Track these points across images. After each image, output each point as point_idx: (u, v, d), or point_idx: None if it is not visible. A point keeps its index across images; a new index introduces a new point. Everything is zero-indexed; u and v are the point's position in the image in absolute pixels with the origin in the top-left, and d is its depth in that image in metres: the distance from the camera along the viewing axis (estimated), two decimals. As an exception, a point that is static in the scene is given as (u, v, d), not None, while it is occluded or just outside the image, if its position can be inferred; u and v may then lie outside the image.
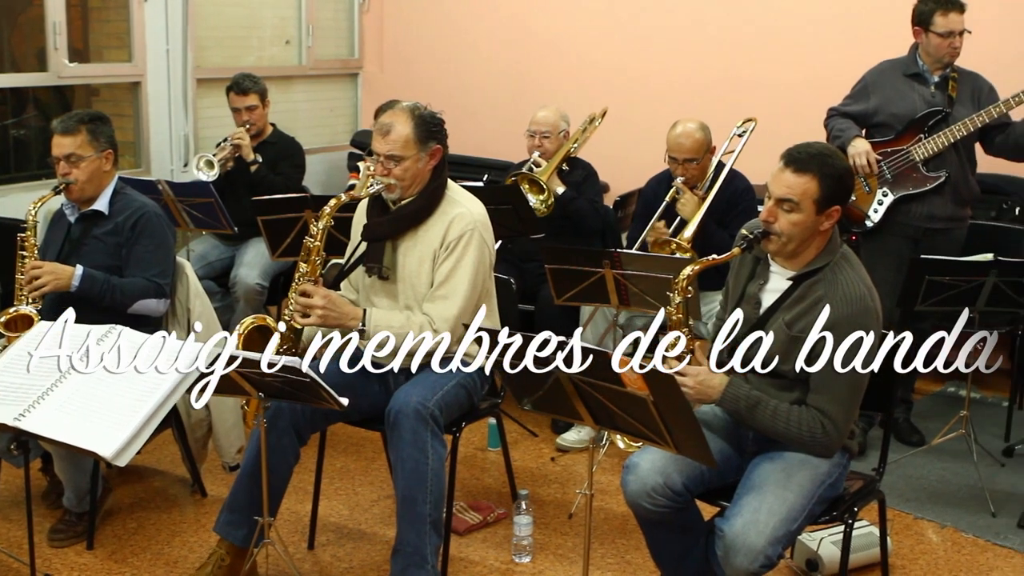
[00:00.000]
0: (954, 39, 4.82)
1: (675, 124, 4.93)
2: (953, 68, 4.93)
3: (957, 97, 4.91)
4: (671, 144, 4.90)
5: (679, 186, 4.86)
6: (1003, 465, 4.95)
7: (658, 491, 3.10)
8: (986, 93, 4.93)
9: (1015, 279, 4.44)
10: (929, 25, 4.84)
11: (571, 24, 7.11)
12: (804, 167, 3.05)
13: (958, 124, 4.80)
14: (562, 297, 4.36)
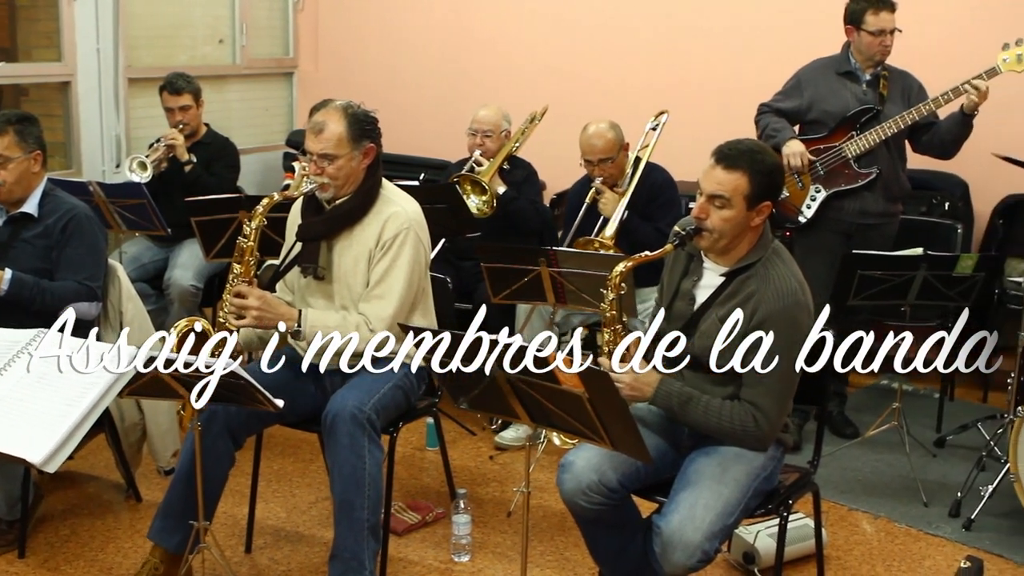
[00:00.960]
0: (885, 37, 4.90)
1: (586, 126, 4.94)
2: (884, 66, 5.01)
3: (888, 95, 4.98)
4: (584, 146, 4.92)
5: (598, 187, 4.89)
6: (935, 456, 5.04)
7: (593, 488, 3.11)
8: (915, 91, 5.01)
9: (944, 273, 4.51)
10: (861, 23, 4.91)
11: (509, 22, 7.12)
12: (734, 164, 3.07)
13: (889, 121, 4.88)
14: (498, 295, 4.36)
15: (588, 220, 4.94)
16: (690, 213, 3.15)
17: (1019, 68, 4.77)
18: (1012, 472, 4.17)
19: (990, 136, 5.30)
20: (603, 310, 3.22)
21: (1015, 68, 4.77)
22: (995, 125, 5.65)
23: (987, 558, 4.02)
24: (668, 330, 3.26)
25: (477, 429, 5.14)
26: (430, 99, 7.35)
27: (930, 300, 4.67)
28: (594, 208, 4.91)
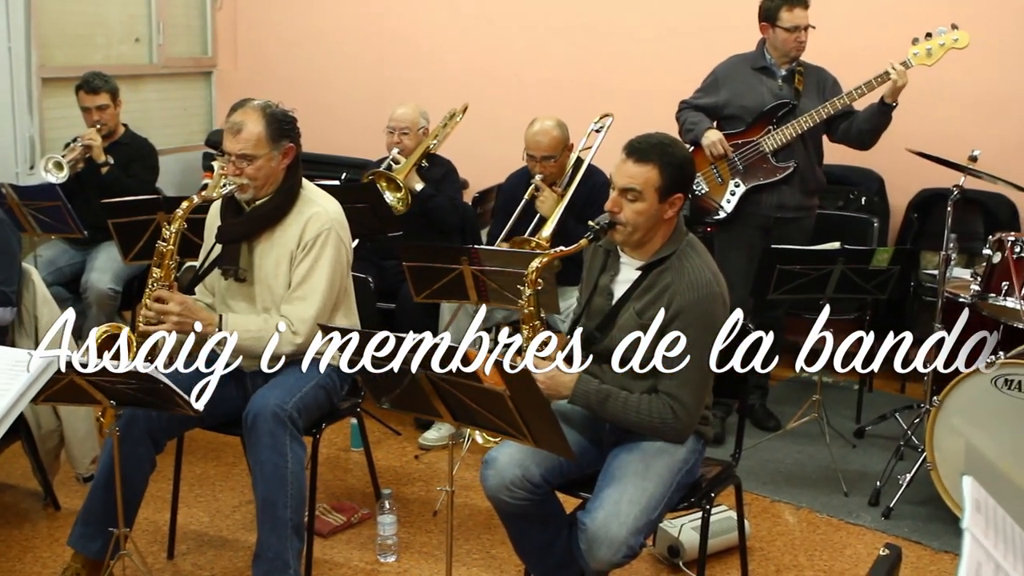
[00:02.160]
0: (799, 34, 4.97)
1: (533, 122, 4.94)
2: (799, 62, 5.08)
3: (803, 90, 5.06)
4: (529, 142, 4.91)
5: (538, 183, 4.88)
6: (855, 446, 5.13)
7: (517, 484, 3.11)
8: (830, 86, 5.10)
9: (861, 266, 4.59)
10: (775, 21, 4.98)
11: (430, 20, 7.10)
12: (645, 157, 3.10)
13: (805, 116, 4.95)
14: (421, 295, 4.35)
15: (525, 217, 4.94)
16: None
17: (929, 62, 4.88)
18: (929, 461, 4.25)
19: (905, 131, 5.39)
20: (521, 307, 3.23)
21: (925, 62, 4.87)
22: (909, 121, 5.75)
23: (906, 545, 4.11)
24: (588, 326, 3.28)
25: (402, 429, 5.12)
26: (351, 98, 7.30)
27: (848, 293, 4.75)
28: (531, 204, 4.91)
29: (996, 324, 4.70)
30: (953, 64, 5.08)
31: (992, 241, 4.38)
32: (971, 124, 5.85)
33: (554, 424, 2.72)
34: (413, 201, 5.15)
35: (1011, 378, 4.05)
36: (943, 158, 4.65)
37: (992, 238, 4.39)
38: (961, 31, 4.85)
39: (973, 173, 4.60)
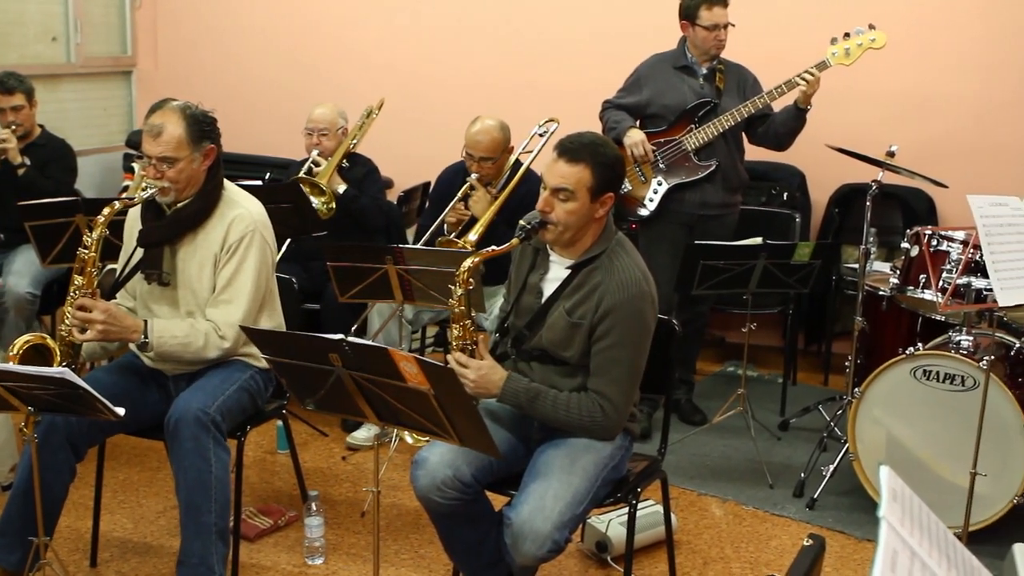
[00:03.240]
0: (719, 32, 5.02)
1: (475, 120, 4.89)
2: (720, 60, 5.13)
3: (724, 88, 5.11)
4: (469, 140, 4.87)
5: (473, 183, 4.85)
6: (779, 439, 5.19)
7: (448, 484, 3.10)
8: (751, 84, 5.15)
9: (783, 261, 4.65)
10: (695, 19, 5.02)
11: (351, 19, 7.06)
12: (577, 156, 3.10)
13: (726, 114, 5.00)
14: (346, 295, 4.32)
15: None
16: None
17: (847, 61, 4.95)
18: (851, 451, 4.32)
19: (825, 128, 5.46)
20: (451, 306, 3.22)
21: (843, 61, 4.95)
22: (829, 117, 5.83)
23: (830, 535, 4.17)
24: (517, 324, 3.29)
25: (329, 430, 5.09)
26: (273, 96, 7.23)
27: (771, 288, 4.81)
28: (465, 200, 4.89)
29: (915, 316, 4.80)
30: (872, 62, 5.16)
31: (910, 235, 4.46)
32: (889, 120, 5.95)
33: (479, 423, 2.72)
34: (336, 203, 5.10)
35: (929, 369, 4.13)
36: (861, 154, 4.73)
37: (910, 232, 4.47)
38: (878, 31, 4.94)
39: (891, 168, 4.69)
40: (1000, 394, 3.97)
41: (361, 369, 2.73)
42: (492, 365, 3.17)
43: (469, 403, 2.72)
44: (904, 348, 4.24)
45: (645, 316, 3.15)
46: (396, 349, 2.66)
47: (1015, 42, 5.82)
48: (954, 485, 4.01)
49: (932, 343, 4.38)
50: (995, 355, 4.19)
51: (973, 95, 5.92)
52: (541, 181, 4.66)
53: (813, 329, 6.33)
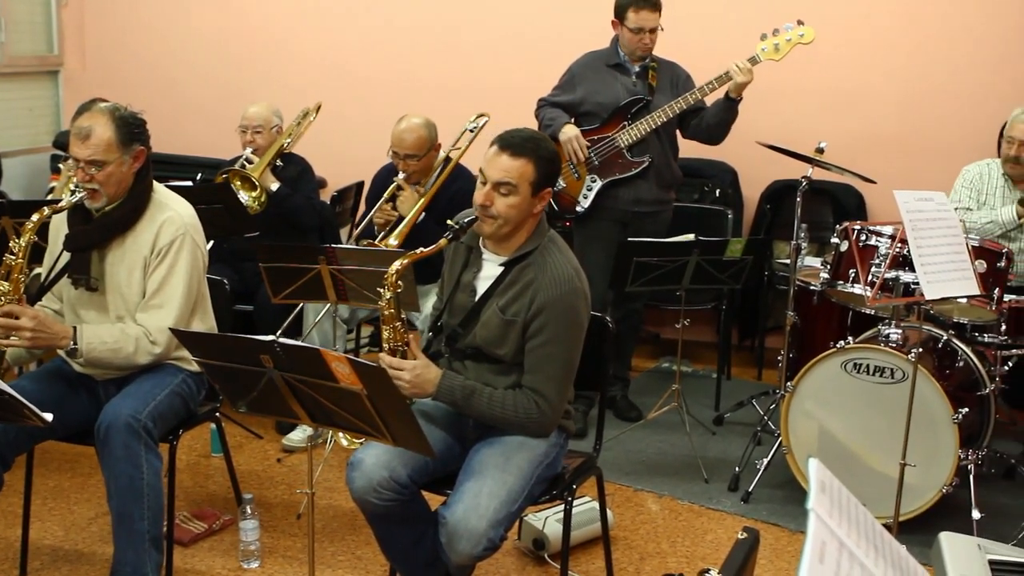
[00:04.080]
0: (644, 36, 5.05)
1: (401, 119, 4.89)
2: (652, 57, 5.16)
3: (657, 85, 5.14)
4: (394, 138, 4.87)
5: (400, 182, 4.85)
6: (714, 433, 5.24)
7: (384, 485, 3.09)
8: (683, 80, 5.19)
9: (715, 257, 4.69)
10: (623, 20, 5.06)
11: (284, 18, 7.00)
12: (520, 151, 3.10)
13: (658, 111, 5.03)
14: (279, 295, 4.29)
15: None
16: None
17: (777, 57, 5.01)
18: (784, 445, 4.38)
19: (756, 125, 5.52)
20: (381, 308, 3.20)
21: (773, 57, 5.01)
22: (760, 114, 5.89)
23: (764, 528, 4.22)
24: (451, 323, 3.29)
25: (264, 432, 5.05)
26: (203, 96, 7.15)
27: (704, 284, 4.84)
28: (393, 200, 4.88)
29: (845, 310, 4.86)
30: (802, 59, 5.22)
31: (839, 230, 4.51)
32: (820, 117, 6.03)
33: (412, 422, 2.71)
34: (269, 201, 5.07)
35: (859, 362, 4.18)
36: (791, 150, 4.79)
37: (839, 227, 4.52)
38: (807, 27, 5.00)
39: (820, 164, 4.74)
40: (928, 386, 4.04)
41: (293, 370, 2.71)
42: (426, 364, 3.15)
43: (402, 403, 2.72)
44: (835, 342, 4.29)
45: (578, 313, 3.16)
46: (329, 349, 2.65)
47: (940, 38, 5.92)
48: (885, 476, 4.07)
49: (862, 337, 4.45)
50: (923, 347, 4.27)
51: (900, 90, 6.01)
52: (471, 178, 4.69)
53: (746, 324, 6.40)
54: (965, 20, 5.89)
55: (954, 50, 5.91)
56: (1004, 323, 4.46)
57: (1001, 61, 5.84)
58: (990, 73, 5.84)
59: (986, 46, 5.87)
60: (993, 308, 4.23)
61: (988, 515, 4.16)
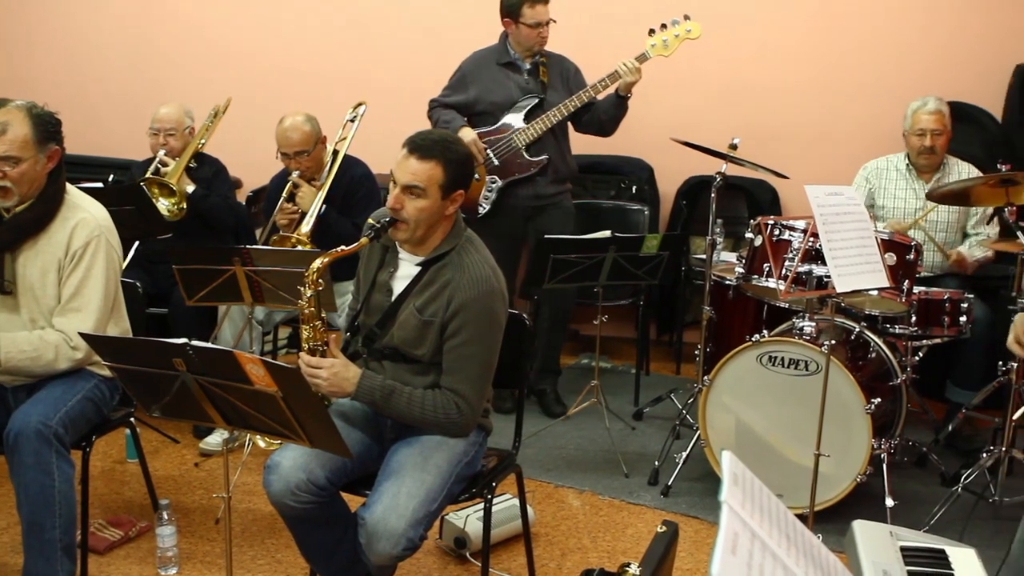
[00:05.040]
0: (542, 29, 5.11)
1: (282, 119, 4.89)
2: (542, 53, 5.20)
3: (549, 82, 5.20)
4: (280, 139, 4.86)
5: (295, 180, 4.84)
6: (633, 428, 5.28)
7: (302, 488, 3.06)
8: (573, 74, 5.27)
9: (631, 253, 4.71)
10: (518, 17, 5.09)
11: (191, 15, 6.90)
12: (428, 154, 3.09)
13: (553, 110, 5.10)
14: (193, 298, 4.23)
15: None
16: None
17: (666, 52, 5.08)
18: (703, 438, 4.42)
19: (670, 122, 5.58)
20: (301, 307, 3.17)
21: (663, 53, 5.08)
22: (674, 111, 5.98)
23: (684, 520, 4.27)
24: (367, 323, 3.27)
25: (180, 436, 4.98)
26: (112, 96, 7.03)
27: (621, 280, 4.87)
28: (291, 202, 4.85)
29: (761, 304, 4.93)
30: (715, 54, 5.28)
31: (753, 225, 4.56)
32: (734, 113, 6.10)
33: (328, 423, 2.69)
34: (186, 204, 5.00)
35: (774, 355, 4.24)
36: (705, 146, 4.83)
37: (753, 222, 4.57)
38: (693, 22, 5.08)
39: (734, 160, 4.80)
40: (842, 377, 4.10)
41: (207, 373, 2.67)
42: (345, 363, 3.13)
43: (318, 404, 2.70)
44: (750, 336, 4.34)
45: (496, 312, 3.16)
46: (242, 351, 2.61)
47: (849, 33, 6.03)
48: (801, 467, 4.13)
49: (777, 330, 4.51)
50: (836, 340, 4.33)
51: (811, 86, 6.11)
52: (364, 166, 4.68)
53: (664, 319, 6.45)
54: (872, 15, 6.00)
55: (863, 44, 6.02)
56: (914, 314, 4.56)
57: (907, 55, 5.96)
58: (910, 67, 5.96)
59: (892, 40, 5.99)
60: (903, 300, 4.31)
61: (901, 503, 4.26)
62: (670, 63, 5.13)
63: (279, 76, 6.71)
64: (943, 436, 4.99)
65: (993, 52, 5.85)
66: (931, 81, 5.82)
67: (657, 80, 5.63)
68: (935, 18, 5.94)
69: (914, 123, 4.95)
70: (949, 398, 5.03)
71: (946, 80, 5.83)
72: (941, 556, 2.39)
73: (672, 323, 6.40)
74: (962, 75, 5.89)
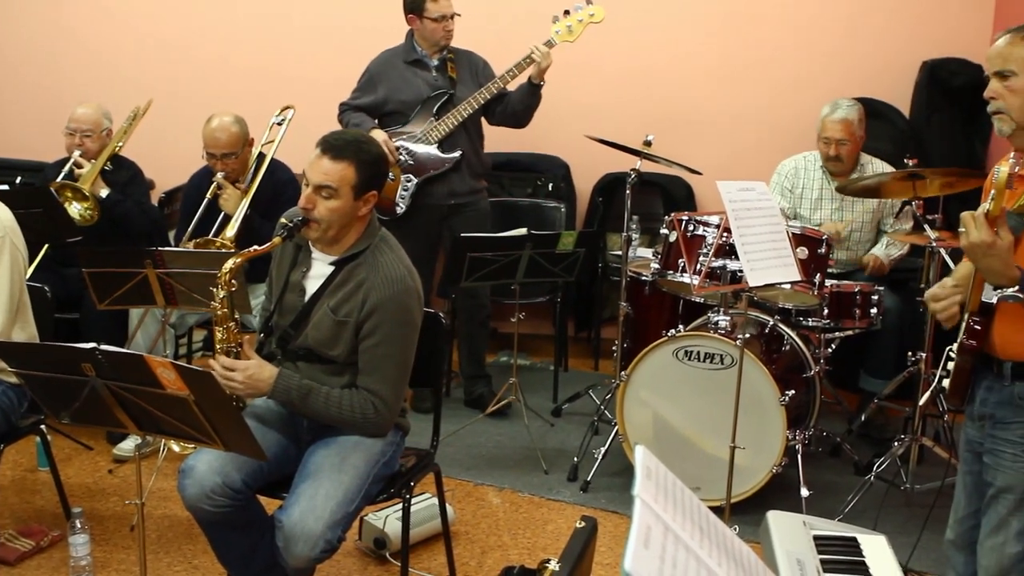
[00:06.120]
0: (447, 22, 5.12)
1: (210, 119, 4.82)
2: (449, 49, 5.20)
3: (458, 77, 5.21)
4: (207, 140, 4.79)
5: (220, 181, 4.78)
6: (553, 425, 5.29)
7: (217, 491, 3.03)
8: (482, 69, 5.28)
9: (548, 251, 4.73)
10: (422, 12, 5.10)
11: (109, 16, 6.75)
12: (341, 154, 3.08)
13: (463, 104, 5.10)
14: (104, 301, 4.15)
15: (208, 216, 4.82)
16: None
17: (571, 38, 5.11)
18: (621, 433, 4.45)
19: (586, 119, 5.60)
20: (214, 308, 3.14)
21: (567, 39, 5.11)
22: (590, 108, 6.01)
23: (603, 515, 4.29)
24: (281, 323, 3.24)
25: (94, 443, 4.88)
26: (22, 96, 6.87)
27: (538, 277, 4.88)
28: (215, 204, 4.79)
29: (677, 299, 4.97)
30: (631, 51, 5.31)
31: (668, 221, 4.60)
32: (649, 110, 6.15)
33: (242, 426, 2.67)
34: (100, 208, 4.90)
35: (690, 349, 4.28)
36: (619, 143, 4.86)
37: (667, 218, 4.61)
38: (596, 6, 5.11)
39: (648, 157, 4.84)
40: (756, 370, 4.16)
41: (117, 378, 2.63)
42: (260, 363, 3.11)
43: (231, 407, 2.67)
44: (667, 331, 4.38)
45: (411, 312, 3.16)
46: (152, 355, 2.58)
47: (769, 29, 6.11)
48: (718, 459, 4.17)
49: (692, 324, 4.56)
50: (750, 333, 4.39)
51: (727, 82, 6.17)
52: (290, 171, 4.65)
53: (582, 316, 6.48)
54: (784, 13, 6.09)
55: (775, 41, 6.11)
56: (827, 307, 4.63)
57: (830, 53, 6.06)
58: (817, 64, 6.06)
59: (804, 38, 6.08)
60: (816, 293, 4.38)
61: (816, 492, 4.33)
62: (587, 60, 5.17)
63: (193, 76, 6.60)
64: (856, 426, 5.08)
65: (900, 49, 5.98)
66: (841, 78, 5.94)
67: (573, 77, 5.67)
68: (846, 15, 6.05)
69: (822, 129, 5.01)
70: (862, 388, 5.12)
71: (856, 77, 5.95)
72: (853, 544, 2.44)
73: (590, 319, 6.43)
74: (871, 72, 6.00)
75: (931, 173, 4.23)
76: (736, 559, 1.74)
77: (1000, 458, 2.74)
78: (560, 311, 5.97)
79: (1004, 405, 2.73)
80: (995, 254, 2.49)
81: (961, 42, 5.87)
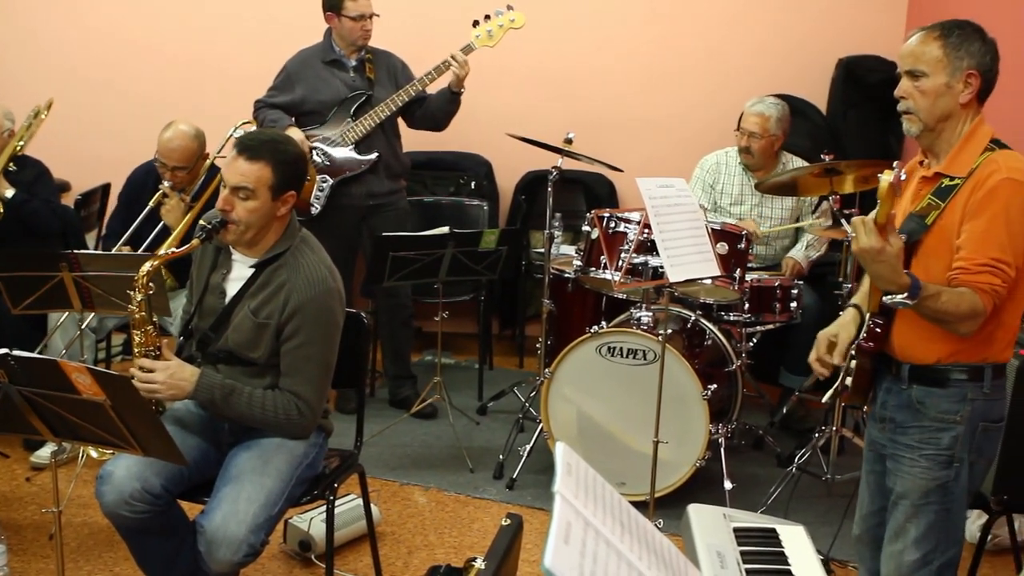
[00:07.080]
0: (366, 22, 5.11)
1: (168, 126, 4.71)
2: (368, 50, 5.19)
3: (376, 78, 5.19)
4: (161, 148, 4.70)
5: (166, 190, 4.71)
6: (478, 423, 5.30)
7: (136, 497, 2.99)
8: (400, 70, 5.27)
9: (470, 249, 4.73)
10: (341, 10, 5.08)
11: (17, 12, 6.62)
12: (257, 154, 3.05)
13: (381, 105, 5.09)
14: (19, 306, 4.06)
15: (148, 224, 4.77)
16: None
17: (491, 43, 5.13)
18: (545, 430, 4.46)
19: (508, 117, 5.60)
20: (132, 312, 3.09)
21: (487, 43, 5.12)
22: (511, 106, 6.01)
23: (529, 513, 4.30)
24: (201, 326, 3.20)
25: (10, 450, 4.78)
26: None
27: (461, 276, 4.88)
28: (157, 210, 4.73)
29: (599, 296, 5.00)
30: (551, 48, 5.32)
31: (589, 218, 4.62)
32: (569, 107, 6.18)
33: (161, 431, 2.63)
34: (5, 209, 4.80)
35: (613, 345, 4.31)
36: (540, 141, 4.87)
37: (589, 216, 4.63)
38: (517, 12, 5.14)
39: (569, 155, 4.85)
40: (678, 365, 4.19)
41: (30, 384, 2.58)
42: (180, 364, 3.07)
43: (149, 411, 2.64)
44: (590, 327, 4.40)
45: (334, 313, 3.14)
46: (67, 360, 2.53)
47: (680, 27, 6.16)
48: (642, 454, 4.20)
49: (615, 321, 4.58)
50: (672, 329, 4.43)
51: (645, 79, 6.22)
52: None
53: (507, 314, 6.49)
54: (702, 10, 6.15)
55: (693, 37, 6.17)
56: (747, 302, 4.68)
57: (735, 49, 6.13)
58: (740, 61, 6.13)
59: (722, 34, 6.15)
60: (736, 288, 4.43)
61: (740, 485, 4.39)
62: (508, 58, 5.18)
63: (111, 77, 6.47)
64: (778, 419, 5.15)
65: (817, 46, 6.07)
66: (758, 75, 6.02)
67: (494, 75, 5.68)
68: (762, 13, 6.12)
69: (741, 119, 5.07)
70: (782, 383, 5.19)
71: (774, 75, 6.03)
72: (772, 534, 2.48)
73: (514, 317, 6.44)
74: (788, 69, 6.09)
75: (846, 167, 4.30)
76: (657, 553, 1.76)
77: (899, 463, 2.78)
78: (484, 309, 5.97)
79: (903, 409, 2.77)
80: (884, 260, 2.51)
81: (876, 40, 5.98)
